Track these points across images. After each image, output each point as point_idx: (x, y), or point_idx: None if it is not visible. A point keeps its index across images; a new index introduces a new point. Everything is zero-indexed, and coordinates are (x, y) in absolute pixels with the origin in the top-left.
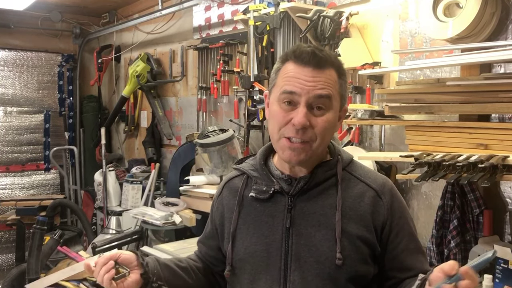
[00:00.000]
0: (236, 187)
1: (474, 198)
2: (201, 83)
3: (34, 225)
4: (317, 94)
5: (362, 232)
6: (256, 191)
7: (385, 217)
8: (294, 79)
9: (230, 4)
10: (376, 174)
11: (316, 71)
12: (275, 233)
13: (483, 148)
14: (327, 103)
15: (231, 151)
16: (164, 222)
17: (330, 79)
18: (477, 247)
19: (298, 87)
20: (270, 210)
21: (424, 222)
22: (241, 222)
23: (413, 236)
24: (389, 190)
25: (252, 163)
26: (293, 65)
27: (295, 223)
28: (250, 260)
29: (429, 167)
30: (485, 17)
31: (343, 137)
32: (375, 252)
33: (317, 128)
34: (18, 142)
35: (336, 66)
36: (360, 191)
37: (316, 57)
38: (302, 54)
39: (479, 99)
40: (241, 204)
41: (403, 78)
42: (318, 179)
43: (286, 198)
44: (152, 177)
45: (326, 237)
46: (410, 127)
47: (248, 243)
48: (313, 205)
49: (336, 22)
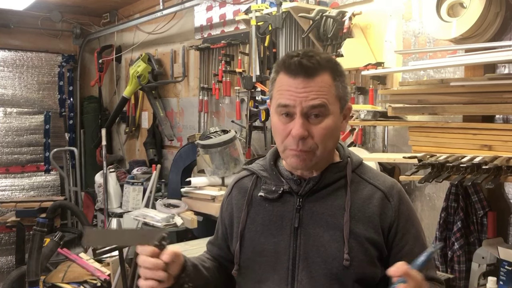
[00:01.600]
0: (245, 187)
1: (478, 199)
2: (203, 83)
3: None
4: (310, 105)
5: (370, 234)
6: (265, 191)
7: (392, 219)
8: (286, 92)
9: (232, 4)
10: (385, 177)
11: (307, 81)
12: (284, 233)
13: (487, 149)
14: (323, 110)
15: (233, 152)
16: (165, 224)
17: (323, 85)
18: (481, 249)
19: (291, 99)
20: (279, 210)
21: (428, 224)
22: (250, 222)
23: (419, 240)
24: (397, 193)
25: (261, 164)
26: (284, 76)
27: (303, 223)
28: (258, 260)
29: (433, 168)
30: (489, 17)
31: (345, 138)
32: (382, 254)
33: (316, 137)
34: (18, 143)
35: (330, 69)
36: (369, 193)
37: (303, 67)
38: (290, 65)
39: (483, 99)
40: (250, 203)
41: (407, 78)
42: (327, 181)
43: (295, 198)
44: (153, 179)
45: (334, 238)
46: (413, 128)
47: (256, 243)
48: (322, 206)
49: (339, 22)
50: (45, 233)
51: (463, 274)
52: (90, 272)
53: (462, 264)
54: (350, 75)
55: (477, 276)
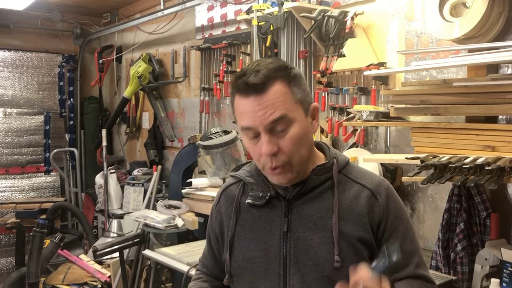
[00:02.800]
0: (232, 194)
1: (481, 201)
2: (204, 84)
3: (34, 228)
4: (270, 120)
5: (360, 233)
6: (252, 197)
7: (381, 217)
8: (245, 114)
9: (233, 4)
10: (372, 175)
11: (260, 97)
12: (273, 238)
13: (490, 150)
14: (285, 121)
15: (234, 153)
16: (166, 225)
17: (278, 96)
18: (484, 250)
19: (250, 121)
20: (267, 216)
21: (430, 225)
22: (239, 229)
23: (408, 237)
24: (384, 190)
25: (248, 170)
26: (238, 98)
27: (292, 227)
28: (248, 267)
29: (435, 169)
30: (492, 17)
31: (348, 139)
32: (373, 252)
33: (286, 149)
34: (18, 144)
35: (280, 77)
36: (356, 192)
37: (251, 85)
38: (240, 87)
39: (486, 100)
40: (238, 211)
41: (409, 79)
42: (314, 183)
43: (283, 203)
44: (154, 180)
45: (323, 240)
46: (416, 128)
47: (246, 250)
48: (310, 209)
49: (341, 22)
50: (45, 235)
51: (466, 276)
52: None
53: (465, 265)
54: (352, 75)
55: (480, 278)
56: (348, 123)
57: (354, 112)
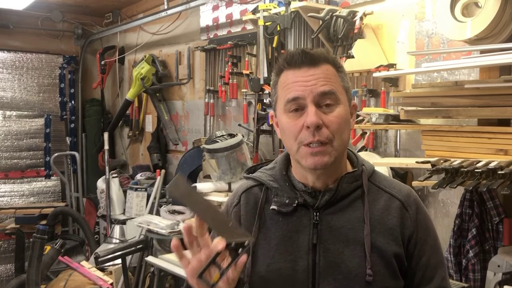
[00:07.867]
0: (255, 197)
1: (494, 206)
2: (209, 86)
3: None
4: (321, 91)
5: (392, 247)
6: (278, 203)
7: (412, 230)
8: (293, 84)
9: (239, 4)
10: (400, 185)
11: (313, 69)
12: (301, 250)
13: (503, 154)
14: (334, 98)
15: (240, 157)
16: (170, 231)
17: (329, 74)
18: (496, 257)
19: (300, 90)
20: (294, 225)
21: (441, 231)
22: (262, 237)
23: (436, 249)
24: (414, 201)
25: (270, 173)
26: (288, 72)
27: (322, 238)
28: (273, 278)
29: (447, 173)
30: (505, 17)
31: (357, 142)
32: (403, 266)
33: (331, 126)
34: (17, 147)
35: (331, 61)
36: (386, 203)
37: (307, 55)
38: (293, 57)
39: (499, 102)
40: (261, 217)
41: (420, 80)
42: (344, 192)
43: (311, 212)
44: (157, 184)
45: (355, 253)
46: (426, 132)
47: (270, 260)
48: (340, 219)
49: (350, 22)
50: (45, 241)
51: (478, 283)
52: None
53: (477, 272)
54: (361, 77)
55: (493, 285)
56: (357, 126)
57: (363, 114)
